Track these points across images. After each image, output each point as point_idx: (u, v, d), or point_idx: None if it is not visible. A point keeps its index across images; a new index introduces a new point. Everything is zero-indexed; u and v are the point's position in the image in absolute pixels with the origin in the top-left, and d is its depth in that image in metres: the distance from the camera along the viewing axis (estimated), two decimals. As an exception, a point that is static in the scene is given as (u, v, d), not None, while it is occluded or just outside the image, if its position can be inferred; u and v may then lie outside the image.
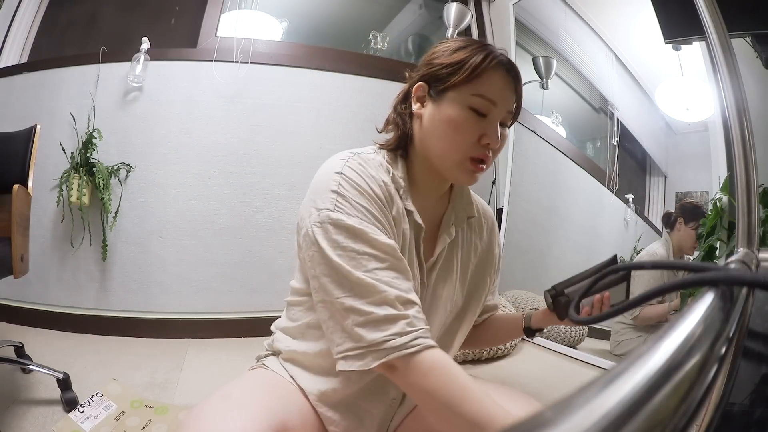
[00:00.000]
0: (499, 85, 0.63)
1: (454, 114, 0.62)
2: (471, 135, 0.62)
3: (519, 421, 0.14)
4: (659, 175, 1.87)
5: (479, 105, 0.62)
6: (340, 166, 0.61)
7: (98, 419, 1.22)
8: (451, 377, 0.51)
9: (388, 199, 0.62)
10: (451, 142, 0.63)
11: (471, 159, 0.63)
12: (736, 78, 0.57)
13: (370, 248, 0.56)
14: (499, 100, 0.63)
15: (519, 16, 2.41)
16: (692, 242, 1.62)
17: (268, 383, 0.66)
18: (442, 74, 0.64)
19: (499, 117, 0.64)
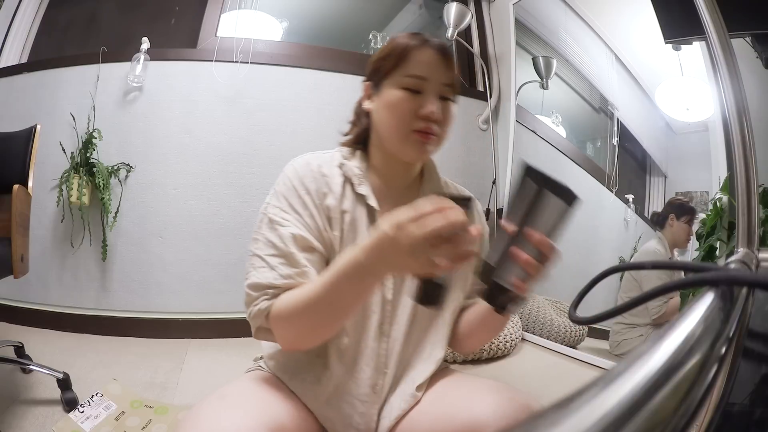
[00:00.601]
0: (427, 61, 0.67)
1: (391, 97, 0.68)
2: (408, 110, 0.67)
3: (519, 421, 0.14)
4: (659, 175, 1.87)
5: (411, 83, 0.67)
6: (287, 166, 0.72)
7: (98, 419, 1.22)
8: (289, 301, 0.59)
9: (321, 190, 0.69)
10: (392, 122, 0.68)
11: (415, 132, 0.67)
12: (736, 78, 0.57)
13: (274, 236, 0.65)
14: (430, 74, 0.67)
15: (519, 16, 2.41)
16: (686, 236, 1.68)
17: (265, 384, 0.67)
18: (378, 67, 0.70)
19: (435, 90, 0.67)
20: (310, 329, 0.60)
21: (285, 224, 0.65)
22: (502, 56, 2.58)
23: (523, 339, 2.03)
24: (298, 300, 0.59)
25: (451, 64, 0.69)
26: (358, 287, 0.54)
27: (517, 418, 0.59)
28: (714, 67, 0.61)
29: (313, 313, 0.58)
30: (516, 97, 2.36)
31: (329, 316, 0.58)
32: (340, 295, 0.55)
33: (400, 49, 0.67)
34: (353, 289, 0.55)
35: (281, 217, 0.66)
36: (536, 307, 2.11)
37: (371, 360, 0.70)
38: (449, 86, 0.68)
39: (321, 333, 0.62)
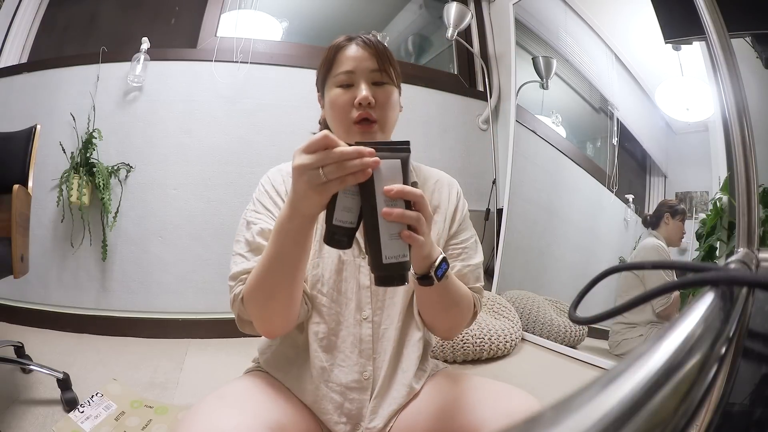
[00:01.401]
0: (351, 56, 0.71)
1: (329, 96, 0.73)
2: (345, 104, 0.71)
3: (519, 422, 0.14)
4: (659, 175, 1.87)
5: (341, 80, 0.71)
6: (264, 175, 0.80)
7: (98, 419, 1.22)
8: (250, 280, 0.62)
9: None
10: (335, 118, 0.72)
11: (356, 123, 0.70)
12: (736, 78, 0.57)
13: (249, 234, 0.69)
14: (355, 66, 0.71)
15: (519, 16, 2.41)
16: (680, 233, 1.73)
17: (264, 384, 0.68)
18: (318, 76, 0.77)
19: (364, 79, 0.71)
20: (270, 294, 0.61)
21: (257, 222, 0.70)
22: (502, 56, 2.58)
23: (523, 339, 2.03)
24: (255, 272, 0.62)
25: (373, 51, 0.71)
26: (293, 232, 0.56)
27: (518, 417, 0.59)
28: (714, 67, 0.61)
29: (267, 277, 0.60)
30: (516, 97, 2.36)
31: (280, 273, 0.59)
32: (283, 247, 0.57)
33: (329, 53, 0.73)
34: (290, 236, 0.56)
35: (255, 217, 0.71)
36: (536, 307, 2.11)
37: (355, 347, 0.71)
38: (377, 71, 0.71)
39: (281, 298, 0.61)
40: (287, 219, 0.55)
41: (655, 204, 1.85)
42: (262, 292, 0.61)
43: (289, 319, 0.65)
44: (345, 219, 0.52)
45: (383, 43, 0.73)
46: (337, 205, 0.51)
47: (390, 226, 0.51)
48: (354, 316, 0.71)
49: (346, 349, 0.71)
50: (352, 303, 0.71)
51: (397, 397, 0.70)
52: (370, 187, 0.50)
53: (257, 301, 0.62)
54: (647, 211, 1.87)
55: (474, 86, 2.66)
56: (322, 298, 0.71)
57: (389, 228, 0.51)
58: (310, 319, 0.71)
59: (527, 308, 2.12)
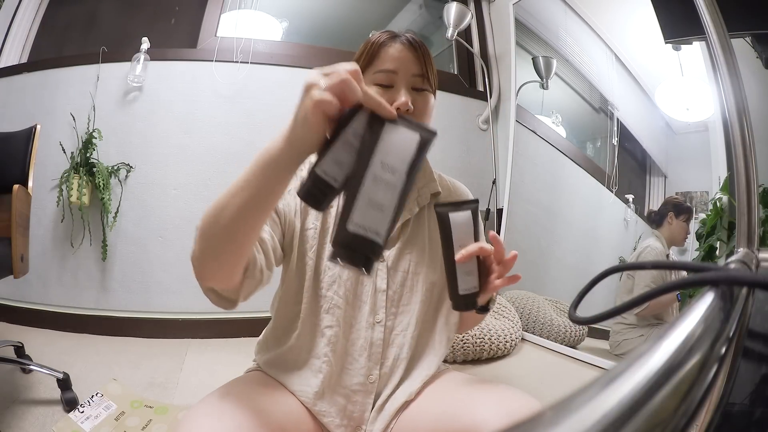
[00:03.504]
0: (395, 56, 0.68)
1: None
2: None
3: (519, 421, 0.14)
4: (659, 175, 1.87)
5: (382, 79, 0.68)
6: None
7: (98, 419, 1.22)
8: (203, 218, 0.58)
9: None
10: None
11: None
12: (736, 78, 0.57)
13: None
14: (398, 67, 0.68)
15: (519, 16, 2.41)
16: (684, 234, 1.70)
17: (264, 385, 0.68)
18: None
19: (406, 82, 0.68)
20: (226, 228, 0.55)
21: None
22: (502, 56, 2.58)
23: (523, 339, 2.03)
24: (217, 199, 0.56)
25: (419, 54, 0.69)
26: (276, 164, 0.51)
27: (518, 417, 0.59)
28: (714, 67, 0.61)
29: (231, 202, 0.54)
30: (516, 97, 2.36)
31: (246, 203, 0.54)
32: (260, 176, 0.52)
33: (371, 47, 0.69)
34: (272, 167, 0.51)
35: None
36: (536, 307, 2.11)
37: (364, 350, 0.70)
38: (420, 77, 0.69)
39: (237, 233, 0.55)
40: (276, 149, 0.49)
41: (656, 204, 1.85)
42: (219, 219, 0.55)
43: (238, 260, 0.58)
44: (330, 172, 0.45)
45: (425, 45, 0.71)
46: (330, 152, 0.44)
47: (464, 265, 0.61)
48: (367, 319, 0.71)
49: (355, 352, 0.70)
50: (366, 306, 0.71)
51: (399, 399, 0.70)
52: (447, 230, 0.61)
53: (210, 229, 0.56)
54: (647, 211, 1.87)
55: (474, 86, 2.66)
56: (338, 299, 0.70)
57: (464, 267, 0.61)
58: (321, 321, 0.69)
59: (527, 308, 2.12)
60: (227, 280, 0.60)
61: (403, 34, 0.70)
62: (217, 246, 0.56)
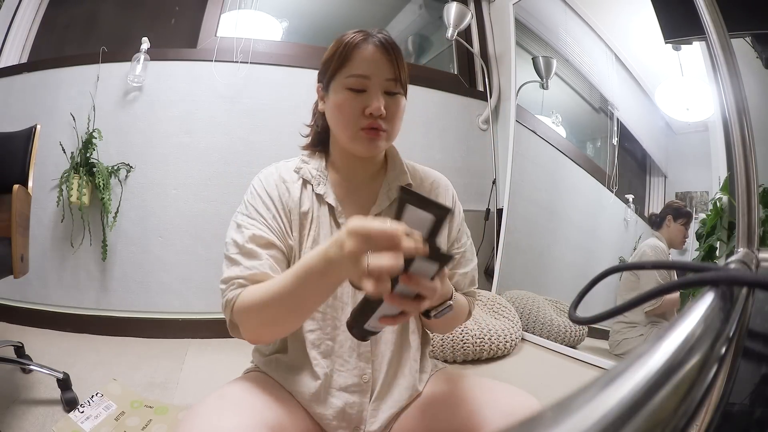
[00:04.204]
0: (368, 59, 0.67)
1: (337, 98, 0.69)
2: (353, 110, 0.68)
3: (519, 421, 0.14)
4: (659, 175, 1.87)
5: (354, 84, 0.67)
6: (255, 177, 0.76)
7: (98, 419, 1.22)
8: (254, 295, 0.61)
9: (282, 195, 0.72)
10: (340, 122, 0.70)
11: (363, 130, 0.68)
12: (736, 78, 0.57)
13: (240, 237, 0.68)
14: (371, 71, 0.67)
15: (519, 16, 2.41)
16: (682, 237, 1.72)
17: (264, 384, 0.68)
18: (325, 69, 0.72)
19: (378, 87, 0.67)
20: (272, 321, 0.61)
21: (249, 227, 0.69)
22: (502, 56, 2.58)
23: (523, 339, 2.03)
24: (264, 291, 0.60)
25: (392, 58, 0.68)
26: (322, 280, 0.54)
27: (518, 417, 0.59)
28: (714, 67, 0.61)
29: (278, 304, 0.59)
30: (516, 97, 2.36)
31: (293, 308, 0.59)
32: (306, 288, 0.55)
33: (342, 49, 0.68)
34: (318, 282, 0.54)
35: (247, 222, 0.70)
36: (536, 307, 2.11)
37: (353, 350, 0.70)
38: (393, 80, 0.68)
39: (283, 326, 0.63)
40: (320, 274, 0.53)
41: (656, 204, 1.85)
42: (265, 316, 0.61)
43: (284, 334, 0.68)
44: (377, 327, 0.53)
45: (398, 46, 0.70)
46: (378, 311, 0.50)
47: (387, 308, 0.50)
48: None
49: (345, 354, 0.70)
50: (348, 306, 0.70)
51: (398, 400, 0.70)
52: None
53: (256, 319, 0.62)
54: (647, 211, 1.87)
55: (474, 86, 2.66)
56: None
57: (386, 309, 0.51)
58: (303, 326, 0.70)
59: (527, 308, 2.12)
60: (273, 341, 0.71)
61: (376, 33, 0.68)
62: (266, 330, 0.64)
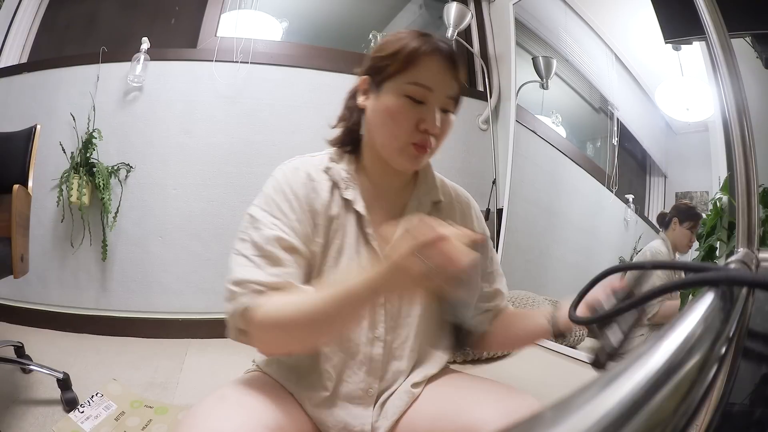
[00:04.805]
0: (435, 71, 0.63)
1: (391, 103, 0.64)
2: (408, 122, 0.64)
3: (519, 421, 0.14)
4: (659, 175, 1.87)
5: (414, 92, 0.63)
6: (276, 170, 0.71)
7: (98, 419, 1.22)
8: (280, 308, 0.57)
9: (309, 195, 0.67)
10: (389, 130, 0.65)
11: (412, 145, 0.65)
12: (736, 78, 0.57)
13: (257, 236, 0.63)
14: (436, 85, 0.63)
15: (519, 16, 2.41)
16: (687, 241, 1.67)
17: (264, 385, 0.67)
18: (381, 66, 0.66)
19: (438, 103, 0.64)
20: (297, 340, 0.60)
21: (271, 227, 0.64)
22: (502, 56, 2.58)
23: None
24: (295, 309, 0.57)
25: (458, 75, 0.65)
26: (364, 305, 0.55)
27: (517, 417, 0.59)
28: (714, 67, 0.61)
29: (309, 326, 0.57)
30: (516, 97, 2.36)
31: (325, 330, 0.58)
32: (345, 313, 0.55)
33: (408, 53, 0.63)
34: (359, 308, 0.55)
35: (269, 220, 0.64)
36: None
37: (363, 365, 0.68)
38: (453, 99, 0.66)
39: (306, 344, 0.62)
40: (364, 299, 0.53)
41: (656, 204, 1.85)
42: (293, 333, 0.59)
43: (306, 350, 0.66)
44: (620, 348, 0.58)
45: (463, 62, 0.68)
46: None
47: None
48: (366, 335, 0.68)
49: (354, 366, 0.68)
50: (365, 321, 0.68)
51: (400, 405, 0.69)
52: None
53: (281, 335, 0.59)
54: (647, 211, 1.87)
55: (474, 86, 2.66)
56: None
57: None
58: None
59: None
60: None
61: (441, 41, 0.64)
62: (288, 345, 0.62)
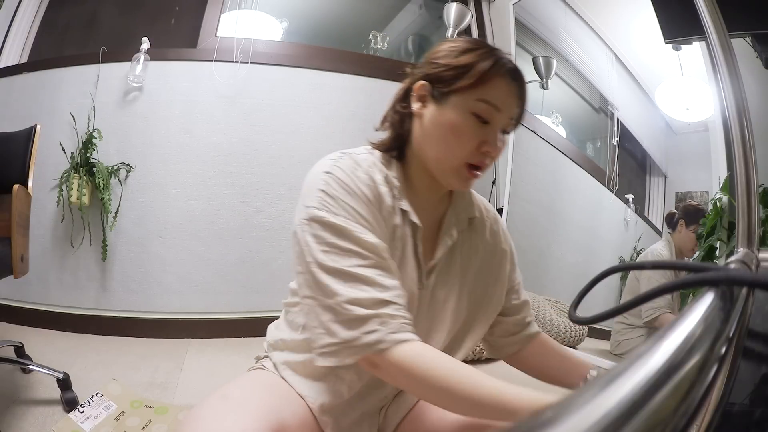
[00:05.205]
0: (505, 92, 0.62)
1: (457, 119, 0.61)
2: (471, 141, 0.61)
3: (519, 422, 0.14)
4: (659, 175, 1.87)
5: (483, 111, 0.61)
6: (329, 166, 0.61)
7: (98, 419, 1.22)
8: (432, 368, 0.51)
9: (377, 199, 0.62)
10: (449, 147, 0.62)
11: (468, 165, 0.62)
12: (736, 78, 0.57)
13: (354, 245, 0.55)
14: (504, 106, 0.62)
15: (519, 16, 2.41)
16: (692, 245, 1.62)
17: (267, 384, 0.66)
18: (447, 76, 0.62)
19: (501, 124, 0.63)
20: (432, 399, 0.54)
21: (362, 233, 0.56)
22: (502, 56, 2.58)
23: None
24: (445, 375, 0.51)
25: (522, 97, 0.64)
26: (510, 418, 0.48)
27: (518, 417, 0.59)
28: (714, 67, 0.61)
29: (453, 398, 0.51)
30: (516, 97, 2.36)
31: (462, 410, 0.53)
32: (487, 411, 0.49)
33: (483, 71, 0.60)
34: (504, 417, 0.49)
35: (351, 225, 0.56)
36: (536, 307, 2.11)
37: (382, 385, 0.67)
38: (514, 122, 0.65)
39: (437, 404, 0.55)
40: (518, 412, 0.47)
41: (656, 203, 1.85)
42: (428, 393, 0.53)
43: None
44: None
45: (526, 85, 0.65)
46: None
47: None
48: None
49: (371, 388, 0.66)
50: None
51: (402, 407, 0.69)
52: None
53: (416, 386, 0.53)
54: (647, 211, 1.87)
55: (474, 86, 2.66)
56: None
57: None
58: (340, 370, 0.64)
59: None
60: None
61: (509, 60, 0.63)
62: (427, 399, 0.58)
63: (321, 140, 2.13)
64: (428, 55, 0.67)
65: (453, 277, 0.70)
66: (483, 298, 0.73)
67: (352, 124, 2.16)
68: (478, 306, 0.73)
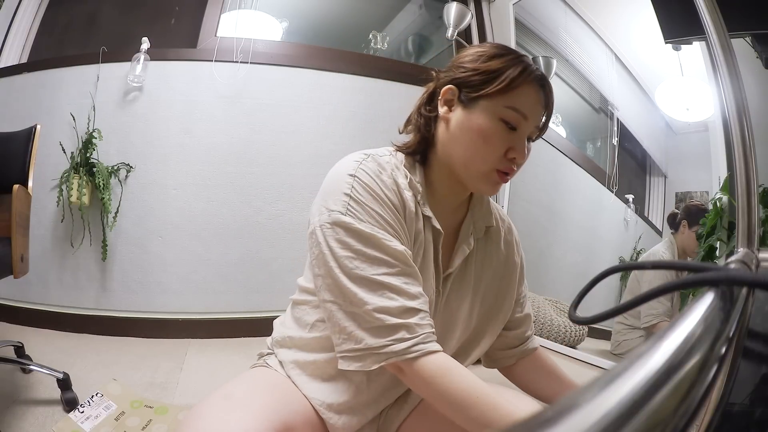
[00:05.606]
0: (533, 100, 0.62)
1: (485, 124, 0.61)
2: (499, 147, 0.62)
3: (519, 421, 0.14)
4: (659, 175, 1.87)
5: (511, 117, 0.61)
6: (353, 168, 0.60)
7: (98, 419, 1.22)
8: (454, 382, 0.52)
9: (402, 205, 0.62)
10: (478, 152, 0.62)
11: (497, 171, 0.63)
12: (736, 78, 0.57)
13: (380, 253, 0.56)
14: (531, 114, 0.62)
15: (519, 16, 2.41)
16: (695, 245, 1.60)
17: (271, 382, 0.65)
18: (475, 81, 0.62)
19: (528, 131, 0.63)
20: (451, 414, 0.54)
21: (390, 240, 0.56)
22: (502, 56, 2.58)
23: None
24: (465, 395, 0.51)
25: (548, 105, 0.65)
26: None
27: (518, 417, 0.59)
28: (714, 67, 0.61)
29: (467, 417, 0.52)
30: (516, 97, 2.36)
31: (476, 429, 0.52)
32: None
33: (513, 78, 0.61)
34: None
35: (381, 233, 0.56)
36: (536, 307, 2.11)
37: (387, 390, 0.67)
38: (540, 130, 0.66)
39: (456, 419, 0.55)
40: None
41: (656, 203, 1.84)
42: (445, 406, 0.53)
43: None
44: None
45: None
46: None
47: None
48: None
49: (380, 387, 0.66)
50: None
51: (403, 409, 0.69)
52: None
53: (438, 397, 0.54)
54: (647, 211, 1.87)
55: (474, 86, 2.66)
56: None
57: None
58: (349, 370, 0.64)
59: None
60: None
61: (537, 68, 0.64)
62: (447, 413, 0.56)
63: (321, 140, 2.13)
64: (454, 60, 0.67)
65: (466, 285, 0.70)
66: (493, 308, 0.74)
67: (352, 124, 2.16)
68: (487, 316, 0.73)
